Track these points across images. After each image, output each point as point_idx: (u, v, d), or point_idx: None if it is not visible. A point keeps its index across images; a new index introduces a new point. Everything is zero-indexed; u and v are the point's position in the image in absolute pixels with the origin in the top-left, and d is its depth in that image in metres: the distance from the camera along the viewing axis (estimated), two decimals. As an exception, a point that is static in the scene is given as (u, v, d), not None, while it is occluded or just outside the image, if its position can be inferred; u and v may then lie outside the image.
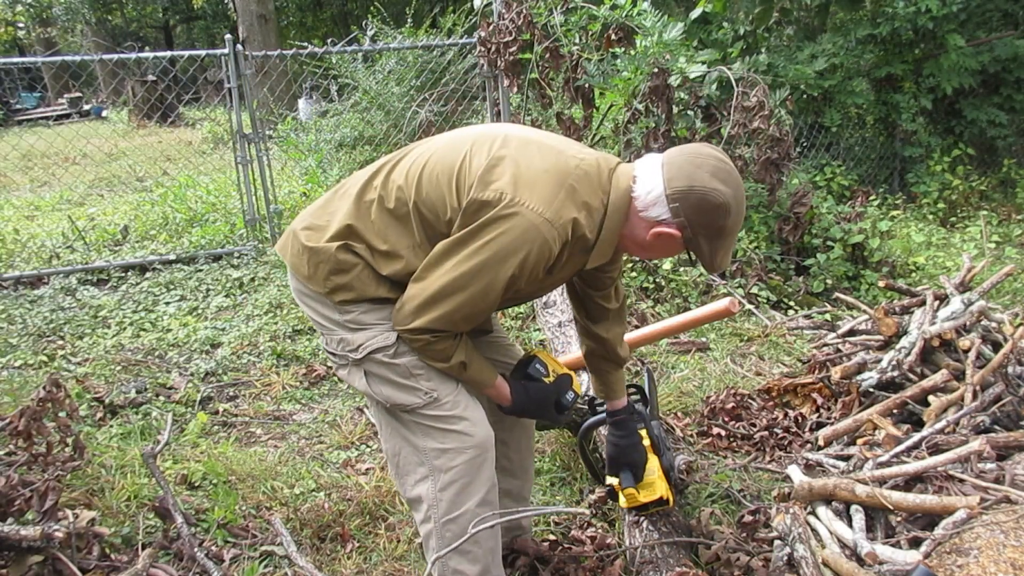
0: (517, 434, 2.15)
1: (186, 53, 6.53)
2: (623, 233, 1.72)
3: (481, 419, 1.81)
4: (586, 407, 2.95)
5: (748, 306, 4.50)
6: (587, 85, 5.19)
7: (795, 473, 2.31)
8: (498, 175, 1.61)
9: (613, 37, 5.07)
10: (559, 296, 3.71)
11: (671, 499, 2.23)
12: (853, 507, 2.05)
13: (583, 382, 3.07)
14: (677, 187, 1.62)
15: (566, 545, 2.30)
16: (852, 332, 3.50)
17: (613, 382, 2.15)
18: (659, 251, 1.78)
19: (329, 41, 6.34)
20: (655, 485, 2.19)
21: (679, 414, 3.26)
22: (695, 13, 6.96)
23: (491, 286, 1.61)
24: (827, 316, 4.42)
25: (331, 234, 1.74)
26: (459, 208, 1.64)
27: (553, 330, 3.64)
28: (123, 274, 5.32)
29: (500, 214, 1.57)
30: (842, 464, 2.48)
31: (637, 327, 3.90)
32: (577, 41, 5.21)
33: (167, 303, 4.78)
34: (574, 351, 3.28)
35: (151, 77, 13.93)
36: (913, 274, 5.25)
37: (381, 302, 1.75)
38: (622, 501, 2.23)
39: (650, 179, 1.66)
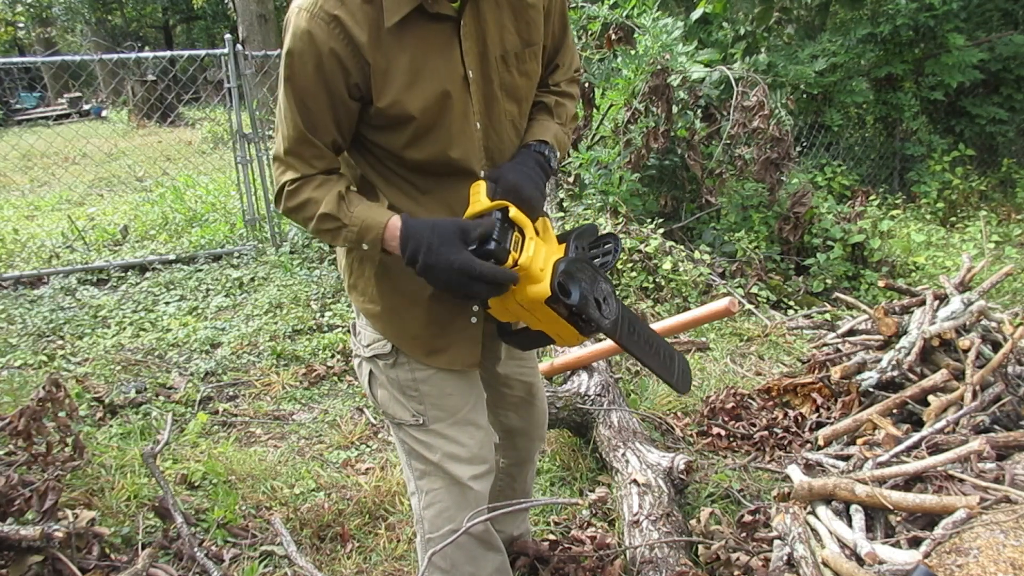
0: (526, 469, 2.11)
1: (186, 53, 6.54)
2: None
3: (471, 456, 1.72)
4: (587, 404, 2.95)
5: (748, 306, 4.50)
6: (587, 84, 5.19)
7: (795, 473, 2.31)
8: None
9: (613, 37, 5.08)
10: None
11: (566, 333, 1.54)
12: (853, 507, 2.04)
13: (583, 381, 3.07)
14: None
15: (566, 545, 2.30)
16: (852, 332, 3.49)
17: (534, 123, 1.67)
18: None
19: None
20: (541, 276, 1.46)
21: (679, 414, 3.26)
22: (695, 14, 6.97)
23: (287, 97, 1.45)
24: (827, 316, 4.42)
25: None
26: None
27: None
28: (123, 274, 5.33)
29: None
30: (842, 464, 2.47)
31: (637, 327, 3.90)
32: (577, 41, 5.21)
33: (167, 303, 4.78)
34: (573, 351, 3.27)
35: (151, 77, 13.92)
36: (913, 274, 5.24)
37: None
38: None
39: None
